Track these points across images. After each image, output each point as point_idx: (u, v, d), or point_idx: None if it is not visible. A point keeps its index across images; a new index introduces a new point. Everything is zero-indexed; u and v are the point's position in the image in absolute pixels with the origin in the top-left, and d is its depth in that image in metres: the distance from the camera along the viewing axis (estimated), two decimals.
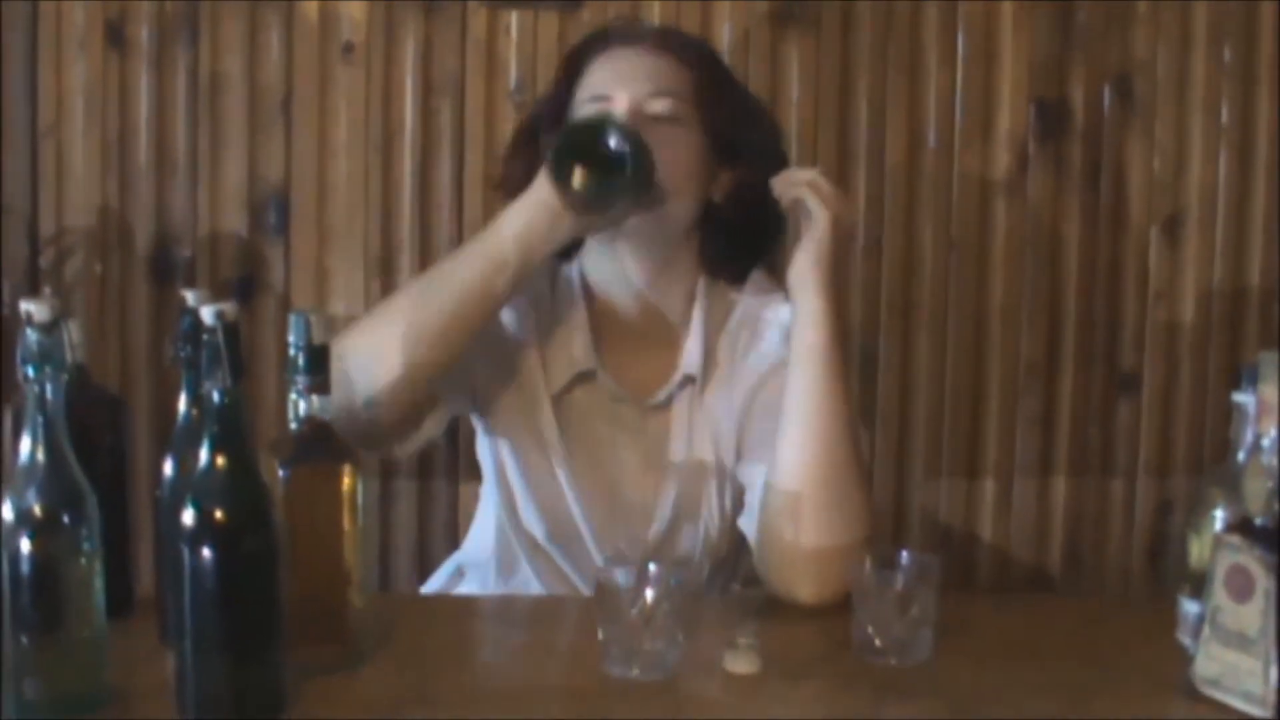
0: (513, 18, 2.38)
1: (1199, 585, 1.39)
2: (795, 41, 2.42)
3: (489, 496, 1.90)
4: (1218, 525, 1.42)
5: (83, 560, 1.28)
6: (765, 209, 1.74)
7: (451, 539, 2.32)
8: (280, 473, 1.38)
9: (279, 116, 2.39)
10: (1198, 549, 1.45)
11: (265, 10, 2.36)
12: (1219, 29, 2.46)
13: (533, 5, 2.38)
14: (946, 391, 2.50)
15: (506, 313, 1.79)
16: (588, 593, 1.74)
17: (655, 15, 2.37)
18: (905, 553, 1.50)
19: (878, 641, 1.45)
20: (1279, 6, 2.45)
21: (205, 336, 1.26)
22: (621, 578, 1.43)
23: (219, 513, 1.25)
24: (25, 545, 1.26)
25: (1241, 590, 1.31)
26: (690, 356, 1.80)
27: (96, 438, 1.49)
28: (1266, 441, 1.34)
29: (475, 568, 1.92)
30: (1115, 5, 2.45)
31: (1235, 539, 1.33)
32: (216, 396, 1.26)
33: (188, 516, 1.25)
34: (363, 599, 1.43)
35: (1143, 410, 2.53)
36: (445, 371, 1.72)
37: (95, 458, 1.38)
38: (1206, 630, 1.35)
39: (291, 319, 1.40)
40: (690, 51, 1.82)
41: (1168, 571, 2.48)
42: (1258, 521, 1.33)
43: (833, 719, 1.38)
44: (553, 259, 1.79)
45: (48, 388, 1.27)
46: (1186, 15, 2.46)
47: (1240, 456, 1.41)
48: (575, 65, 1.81)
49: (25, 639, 1.27)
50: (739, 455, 1.77)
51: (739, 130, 1.80)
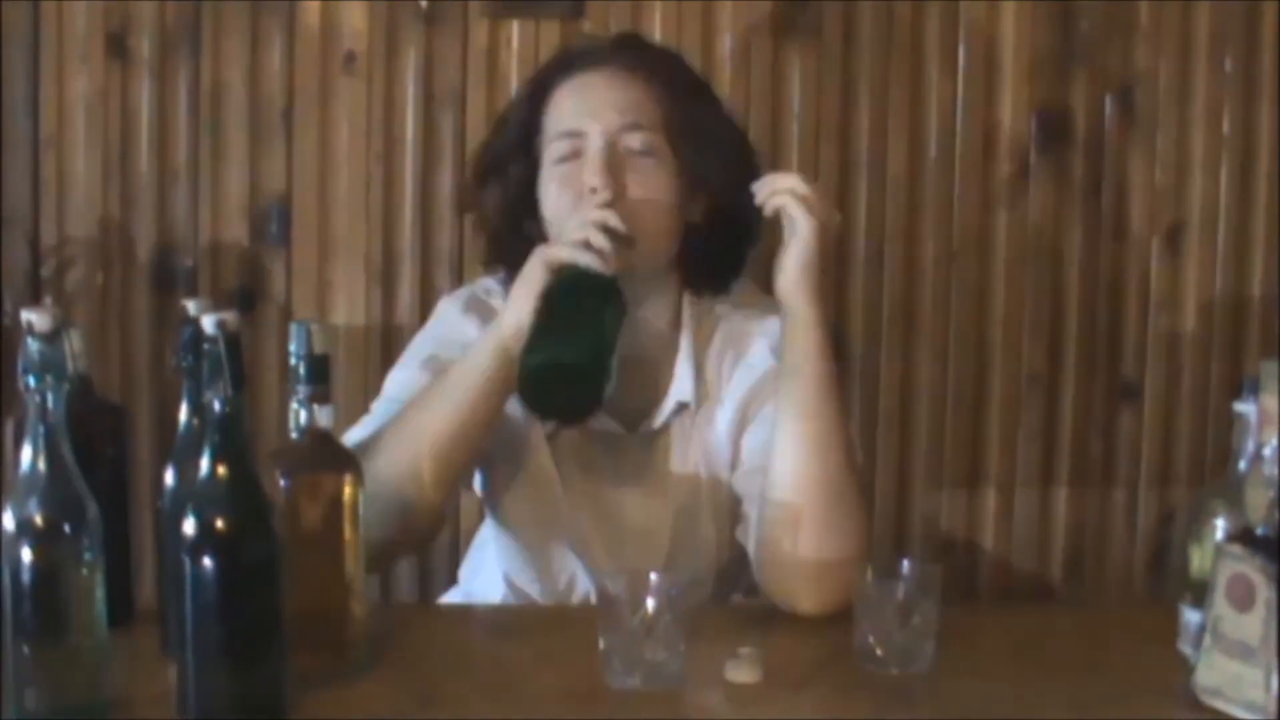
0: (514, 28, 2.38)
1: (1200, 595, 1.39)
2: (797, 52, 2.42)
3: (490, 544, 1.91)
4: (1219, 535, 1.42)
5: (84, 570, 1.28)
6: (742, 221, 1.73)
7: (453, 546, 2.32)
8: (281, 482, 1.38)
9: (280, 127, 2.39)
10: (1199, 558, 1.45)
11: (267, 21, 2.36)
12: (1220, 40, 2.46)
13: (534, 16, 2.38)
14: (948, 401, 2.50)
15: None
16: None
17: (656, 26, 2.37)
18: (907, 562, 1.50)
19: (879, 651, 1.45)
20: None
21: (206, 346, 1.26)
22: (622, 588, 1.43)
23: (220, 522, 1.25)
24: (27, 555, 1.26)
25: (1243, 600, 1.31)
26: (682, 383, 1.78)
27: (98, 447, 1.49)
28: (1268, 451, 1.35)
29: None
30: (1117, 16, 2.45)
31: (1236, 548, 1.33)
32: (218, 406, 1.26)
33: (189, 526, 1.25)
34: (363, 608, 1.43)
35: (1144, 420, 2.53)
36: (474, 459, 1.72)
37: (97, 467, 1.38)
38: (1208, 640, 1.35)
39: (293, 329, 1.40)
40: (659, 70, 1.77)
41: (1169, 581, 2.48)
42: (1259, 531, 1.33)
43: None
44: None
45: (49, 397, 1.27)
46: (1188, 26, 2.46)
47: (1241, 466, 1.41)
48: (541, 92, 1.78)
49: (26, 648, 1.27)
50: (733, 467, 1.77)
51: (713, 153, 1.76)
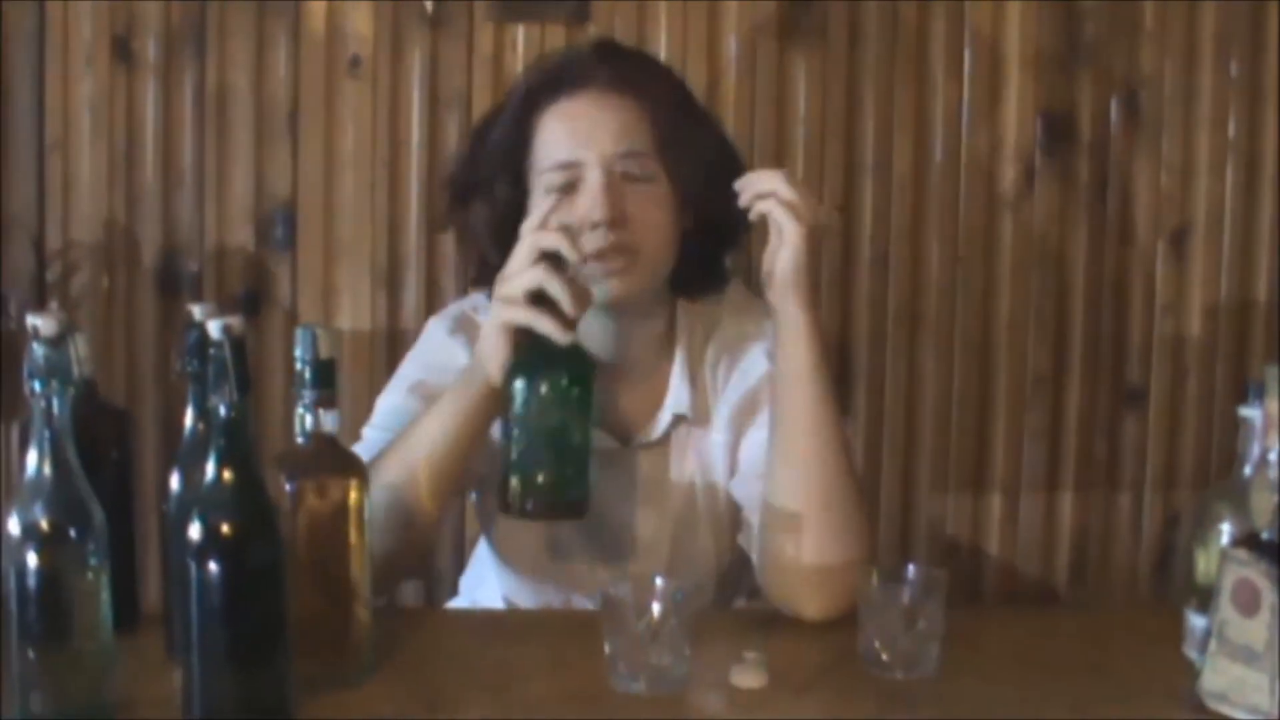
0: (519, 32, 2.38)
1: (1205, 599, 1.39)
2: (802, 54, 2.42)
3: (489, 559, 1.92)
4: (1224, 539, 1.42)
5: (89, 574, 1.28)
6: (730, 225, 1.73)
7: (458, 550, 2.32)
8: (286, 487, 1.38)
9: (286, 130, 2.39)
10: (1204, 563, 1.45)
11: (272, 24, 2.37)
12: (1226, 43, 2.46)
13: (539, 19, 2.38)
14: (953, 404, 2.50)
15: None
16: None
17: (662, 28, 2.38)
18: (912, 566, 1.50)
19: (884, 655, 1.45)
20: None
21: (212, 350, 1.26)
22: (628, 593, 1.43)
23: (225, 526, 1.26)
24: (32, 559, 1.26)
25: (1248, 604, 1.31)
26: (678, 396, 1.78)
27: (103, 451, 1.49)
28: (1273, 455, 1.35)
29: None
30: (1122, 19, 2.45)
31: (1242, 553, 1.33)
32: (223, 410, 1.26)
33: (194, 530, 1.26)
34: (369, 612, 1.43)
35: (1149, 424, 2.52)
36: (468, 473, 1.71)
37: (102, 471, 1.38)
38: (1213, 644, 1.35)
39: (298, 333, 1.40)
40: (643, 84, 1.75)
41: (1174, 585, 2.48)
42: (1264, 535, 1.33)
43: None
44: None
45: (54, 402, 1.27)
46: (1193, 29, 2.46)
47: (1247, 470, 1.41)
48: (526, 114, 1.74)
49: (32, 653, 1.27)
50: (732, 473, 1.77)
51: (702, 165, 1.74)
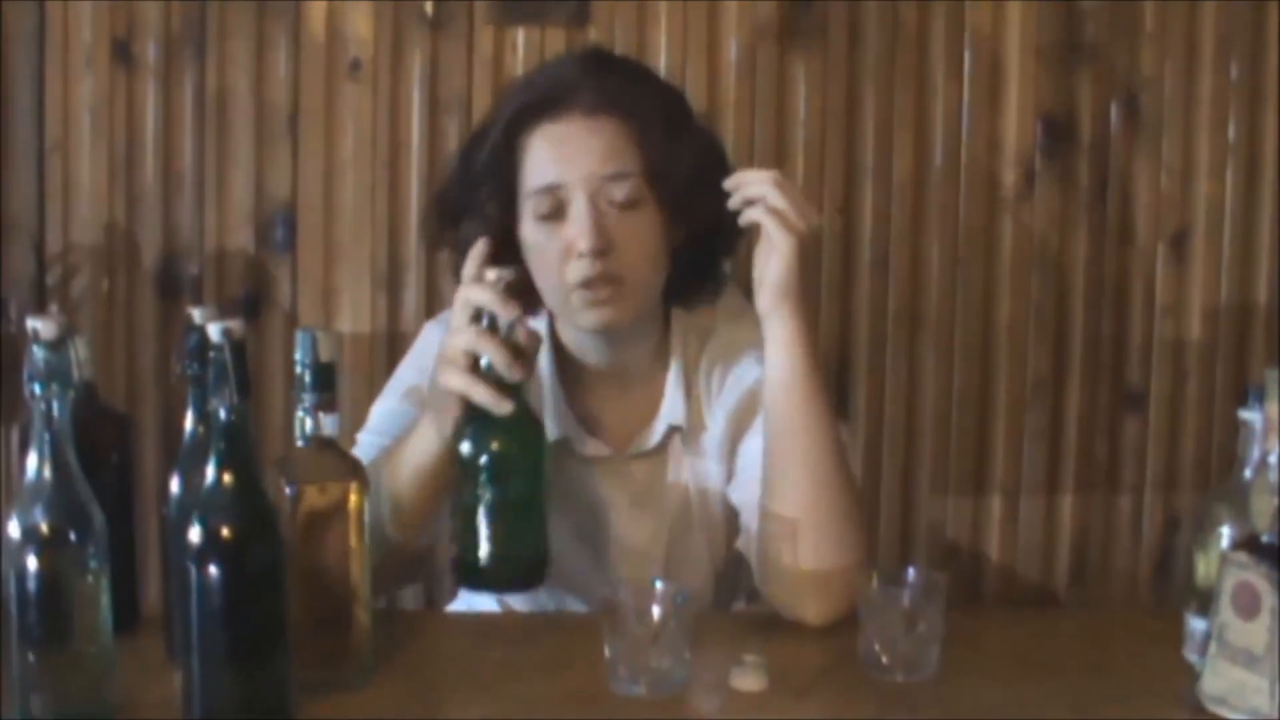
0: (519, 35, 2.38)
1: (1206, 602, 1.39)
2: (802, 57, 2.42)
3: None
4: (1224, 542, 1.42)
5: (89, 577, 1.29)
6: (723, 233, 1.73)
7: None
8: (287, 490, 1.38)
9: (286, 133, 2.39)
10: (1204, 566, 1.45)
11: (272, 27, 2.36)
12: (1226, 46, 2.46)
13: (539, 22, 2.38)
14: (953, 407, 2.50)
15: None
16: None
17: (661, 31, 2.38)
18: (912, 569, 1.50)
19: (884, 658, 1.45)
20: None
21: (212, 354, 1.26)
22: (628, 596, 1.43)
23: (225, 529, 1.26)
24: (32, 562, 1.26)
25: (1248, 607, 1.31)
26: (673, 406, 1.78)
27: (103, 455, 1.49)
28: (1273, 458, 1.35)
29: None
30: (1122, 22, 2.45)
31: (1242, 556, 1.33)
32: (223, 414, 1.26)
33: (194, 533, 1.26)
34: (368, 615, 1.43)
35: (1149, 426, 2.52)
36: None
37: (102, 475, 1.38)
38: (1213, 647, 1.35)
39: (298, 336, 1.40)
40: (632, 100, 1.70)
41: (1174, 588, 2.48)
42: (1264, 538, 1.33)
43: None
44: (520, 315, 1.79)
45: (54, 405, 1.27)
46: (1194, 32, 2.46)
47: (1247, 473, 1.41)
48: (513, 133, 1.71)
49: (32, 655, 1.27)
50: (729, 478, 1.77)
51: (693, 184, 1.70)
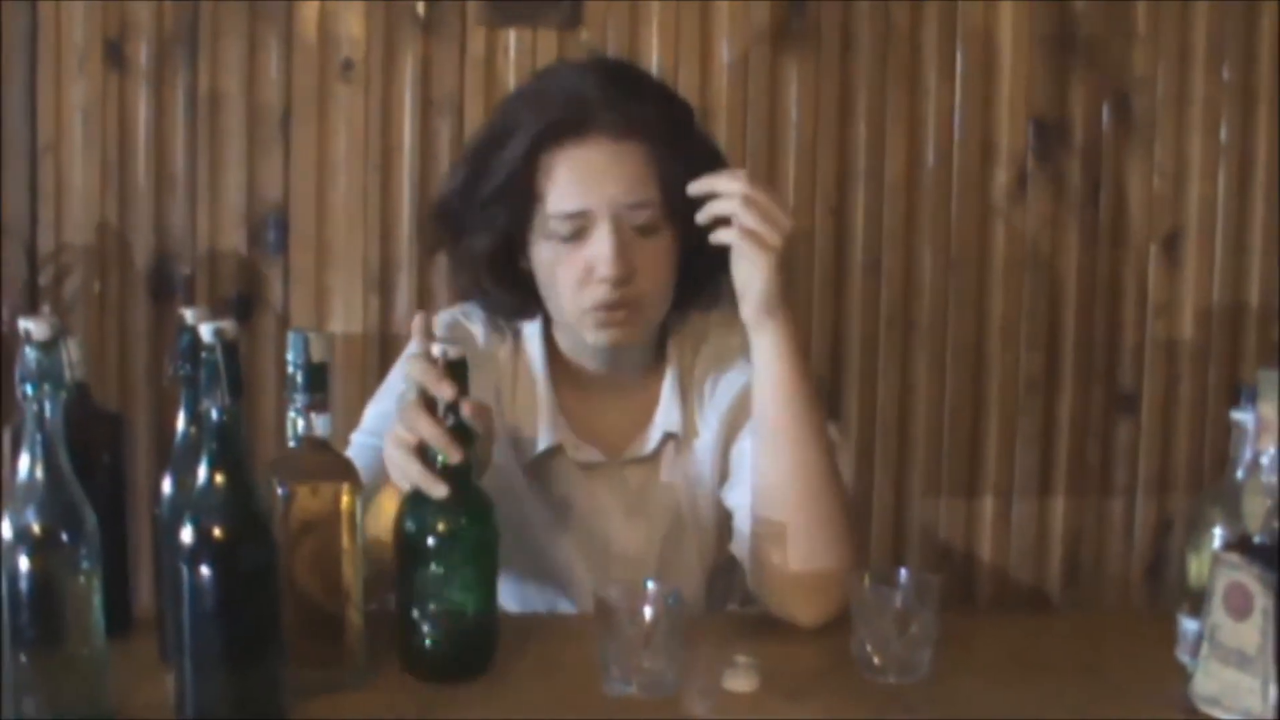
0: (511, 37, 2.38)
1: (1198, 603, 1.39)
2: (794, 61, 2.42)
3: None
4: (1216, 543, 1.42)
5: (82, 578, 1.28)
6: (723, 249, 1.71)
7: None
8: (279, 491, 1.38)
9: (278, 134, 2.39)
10: (1197, 567, 1.45)
11: (264, 28, 2.36)
12: (1218, 47, 2.46)
13: (531, 24, 2.38)
14: (946, 409, 2.50)
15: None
16: None
17: (654, 36, 2.38)
18: (904, 571, 1.50)
19: (877, 659, 1.45)
20: (1279, 25, 2.46)
21: (204, 354, 1.26)
22: (620, 597, 1.43)
23: (218, 530, 1.25)
24: (24, 563, 1.26)
25: (1240, 608, 1.31)
26: (669, 414, 1.78)
27: (95, 455, 1.49)
28: (1265, 459, 1.35)
29: None
30: (1115, 23, 2.45)
31: (1234, 557, 1.33)
32: (215, 414, 1.26)
33: (186, 534, 1.25)
34: (361, 616, 1.43)
35: (1142, 428, 2.53)
36: None
37: (94, 475, 1.38)
38: (1205, 648, 1.35)
39: (290, 337, 1.40)
40: (654, 126, 1.69)
41: (1166, 589, 2.48)
42: (1256, 539, 1.33)
43: None
44: (514, 320, 1.80)
45: (47, 406, 1.27)
46: (1186, 33, 2.46)
47: (1239, 474, 1.41)
48: (536, 153, 1.68)
49: (24, 657, 1.27)
50: (722, 479, 1.77)
51: (699, 206, 1.67)
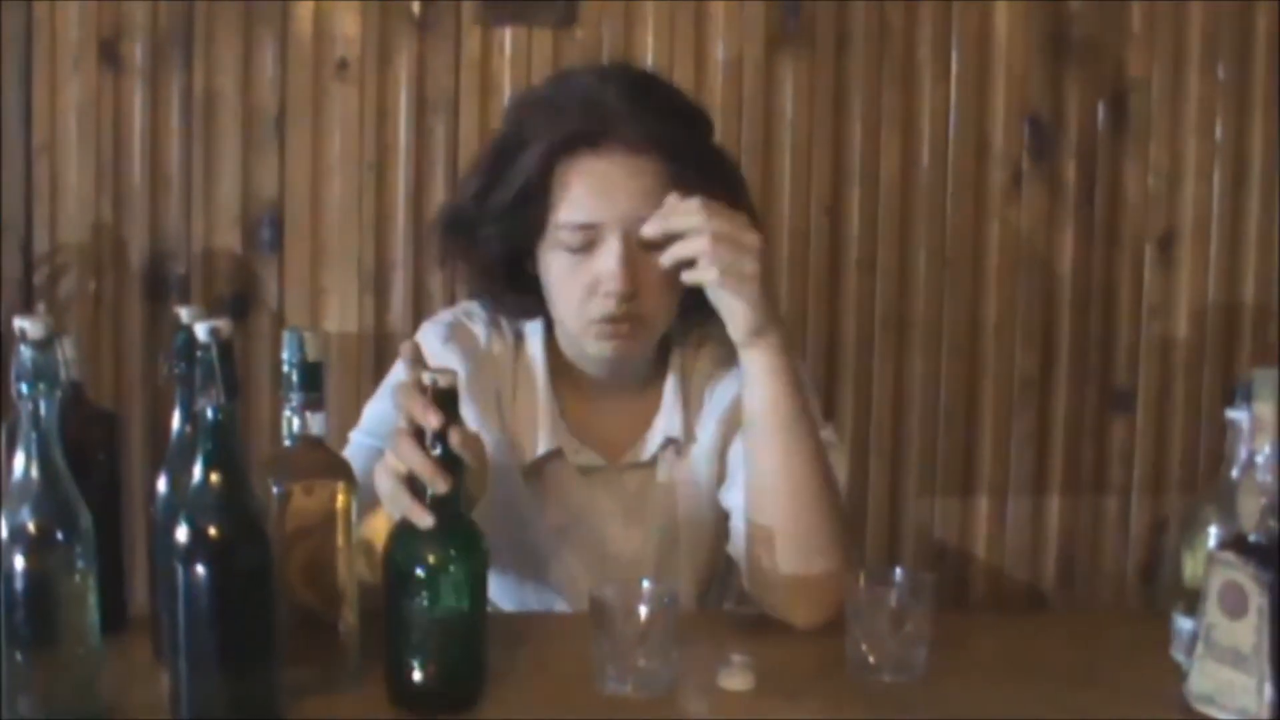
0: (506, 36, 2.39)
1: (1193, 602, 1.39)
2: (789, 60, 2.42)
3: None
4: (1211, 542, 1.42)
5: (77, 577, 1.28)
6: None
7: None
8: (274, 490, 1.38)
9: (273, 134, 2.39)
10: (1192, 566, 1.45)
11: (259, 28, 2.36)
12: (1213, 47, 2.46)
13: (526, 24, 2.38)
14: (940, 408, 2.50)
15: (467, 404, 1.64)
16: None
17: (649, 35, 2.38)
18: (899, 570, 1.50)
19: (872, 659, 1.45)
20: (1275, 25, 2.46)
21: (199, 353, 1.26)
22: (615, 596, 1.43)
23: (213, 529, 1.25)
24: (19, 562, 1.26)
25: (1235, 607, 1.31)
26: (670, 420, 1.78)
27: (91, 455, 1.49)
28: (1260, 458, 1.35)
29: None
30: (1110, 23, 2.45)
31: (1229, 556, 1.33)
32: (210, 413, 1.26)
33: (182, 533, 1.25)
34: (356, 615, 1.43)
35: (1137, 427, 2.53)
36: None
37: (89, 474, 1.37)
38: (1200, 647, 1.35)
39: (285, 336, 1.40)
40: (671, 139, 1.67)
41: (1162, 588, 2.48)
42: (1251, 538, 1.33)
43: None
44: (516, 320, 1.80)
45: (42, 405, 1.26)
46: (1181, 34, 2.47)
47: (1234, 473, 1.41)
48: (551, 161, 1.67)
49: (20, 656, 1.27)
50: (720, 480, 1.77)
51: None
